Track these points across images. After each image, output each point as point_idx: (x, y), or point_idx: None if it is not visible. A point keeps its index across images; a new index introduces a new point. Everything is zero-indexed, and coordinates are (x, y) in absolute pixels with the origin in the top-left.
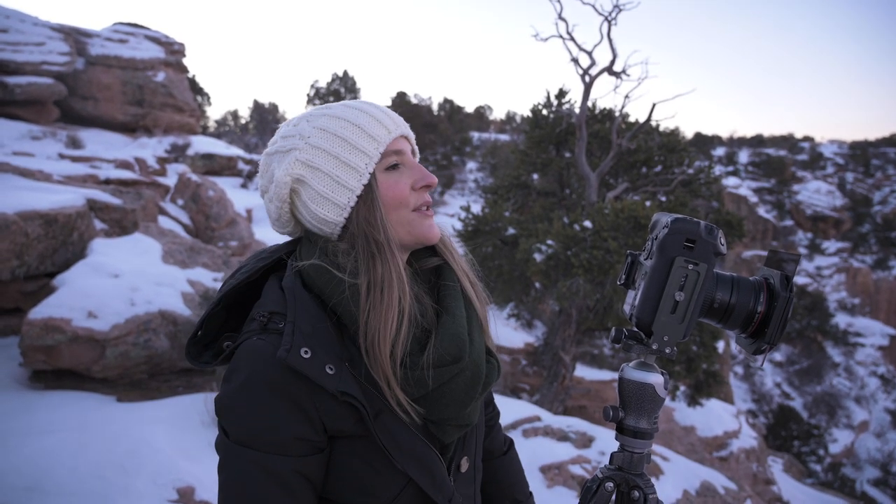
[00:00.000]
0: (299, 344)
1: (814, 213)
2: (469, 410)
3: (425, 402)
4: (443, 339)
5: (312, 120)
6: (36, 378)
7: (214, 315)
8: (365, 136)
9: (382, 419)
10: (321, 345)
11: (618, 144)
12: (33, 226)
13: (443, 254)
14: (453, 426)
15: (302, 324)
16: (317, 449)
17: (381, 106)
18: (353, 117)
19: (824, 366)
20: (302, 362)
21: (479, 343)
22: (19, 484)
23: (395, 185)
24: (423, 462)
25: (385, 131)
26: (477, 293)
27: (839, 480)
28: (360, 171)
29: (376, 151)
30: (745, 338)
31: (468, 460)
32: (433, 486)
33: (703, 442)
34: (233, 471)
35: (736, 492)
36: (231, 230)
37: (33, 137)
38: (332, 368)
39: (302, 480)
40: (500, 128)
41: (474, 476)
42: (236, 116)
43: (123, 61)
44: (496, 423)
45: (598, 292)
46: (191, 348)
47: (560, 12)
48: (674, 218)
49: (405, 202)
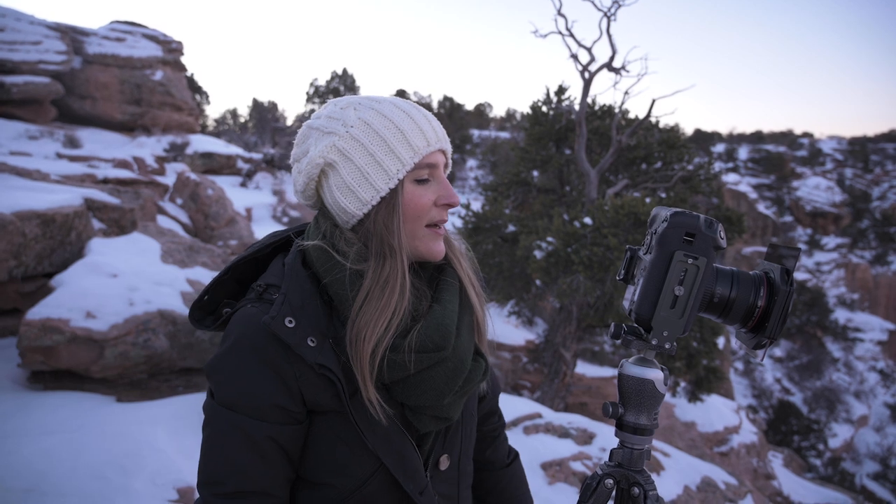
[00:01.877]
0: (285, 313)
1: (813, 209)
2: (448, 403)
3: (404, 386)
4: (428, 327)
5: (360, 110)
6: (34, 379)
7: (223, 283)
8: (404, 143)
9: (360, 398)
10: (308, 318)
11: (617, 141)
12: (31, 226)
13: (450, 258)
14: (430, 416)
15: (293, 296)
16: (294, 419)
17: (429, 115)
18: (398, 120)
19: (824, 361)
20: (285, 330)
21: (466, 340)
22: (18, 485)
23: (420, 198)
24: (395, 446)
25: (425, 143)
26: (476, 295)
27: (839, 475)
28: (390, 174)
29: (411, 160)
30: (746, 332)
31: (449, 459)
32: (404, 473)
33: (703, 437)
34: (213, 431)
35: (736, 487)
36: (230, 229)
37: (30, 137)
38: (314, 341)
39: (276, 448)
40: (500, 125)
41: (458, 478)
42: (235, 115)
43: (121, 60)
44: (501, 434)
45: (599, 289)
46: (195, 312)
47: (559, 8)
48: (673, 212)
49: (423, 216)
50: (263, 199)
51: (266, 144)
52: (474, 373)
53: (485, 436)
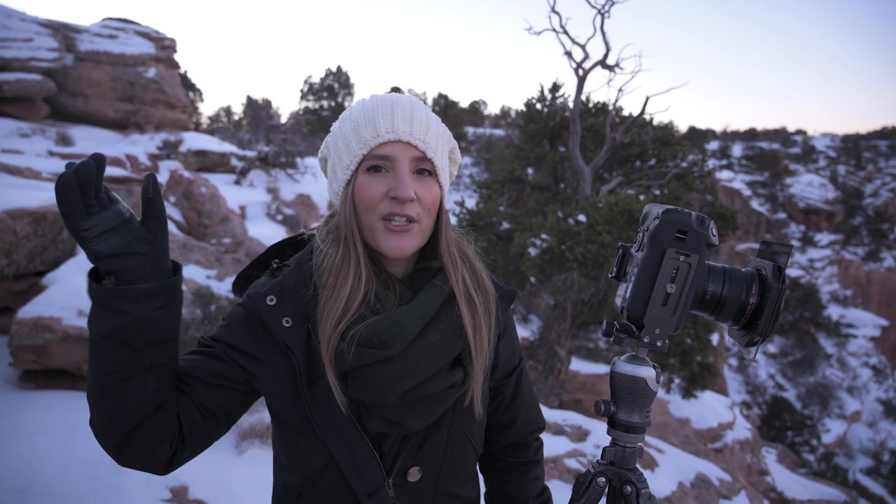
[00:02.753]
0: (270, 291)
1: (806, 206)
2: (397, 406)
3: (351, 378)
4: (380, 323)
5: (349, 108)
6: (26, 378)
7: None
8: (355, 135)
9: (318, 385)
10: (293, 301)
11: (612, 138)
12: (22, 224)
13: (443, 259)
14: (379, 417)
15: (289, 279)
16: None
17: (399, 108)
18: (357, 113)
19: (817, 357)
20: (263, 307)
21: (434, 346)
22: (11, 485)
23: (367, 189)
24: (345, 439)
25: (374, 134)
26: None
27: (832, 470)
28: (345, 164)
29: (360, 151)
30: (738, 329)
31: (421, 472)
32: (353, 469)
33: (697, 434)
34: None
35: (730, 483)
36: (224, 227)
37: (22, 135)
38: (289, 322)
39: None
40: (495, 123)
41: (432, 496)
42: (229, 112)
43: (113, 57)
44: (530, 473)
45: (593, 286)
46: (239, 282)
47: (553, 5)
48: (665, 209)
49: (373, 207)
50: (258, 196)
51: (260, 142)
52: (437, 381)
53: (509, 468)
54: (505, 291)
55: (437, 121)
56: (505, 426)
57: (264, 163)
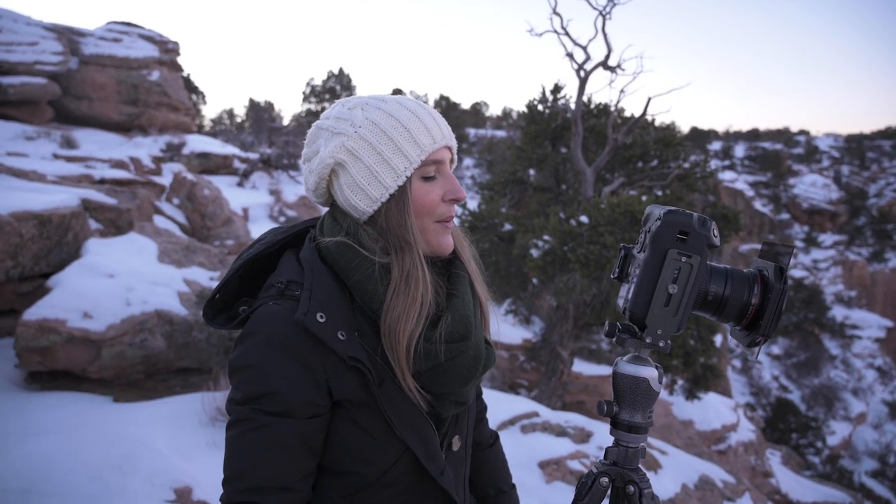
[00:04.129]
0: (315, 309)
1: (810, 207)
2: (468, 388)
3: (433, 374)
4: (454, 318)
5: (367, 110)
6: (32, 379)
7: (229, 282)
8: (411, 141)
9: (386, 387)
10: (335, 312)
11: (614, 139)
12: (27, 226)
13: (458, 251)
14: (451, 402)
15: (318, 292)
16: (319, 413)
17: (434, 112)
18: (404, 119)
19: (821, 358)
20: (318, 325)
21: (480, 328)
22: (15, 486)
23: (428, 195)
24: (420, 432)
25: (430, 140)
26: (481, 287)
27: (837, 472)
28: (398, 171)
29: (418, 158)
30: (740, 330)
31: (460, 440)
32: (427, 456)
33: (701, 435)
34: (239, 430)
35: (734, 485)
36: (227, 229)
37: (27, 138)
38: (344, 335)
39: (300, 443)
40: (497, 124)
41: (465, 458)
42: (232, 115)
43: (117, 60)
44: (484, 417)
45: (595, 287)
46: (207, 311)
47: (555, 7)
48: (667, 210)
49: (432, 211)
50: (260, 198)
51: (262, 144)
52: (488, 360)
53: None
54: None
55: None
56: None
57: (267, 165)
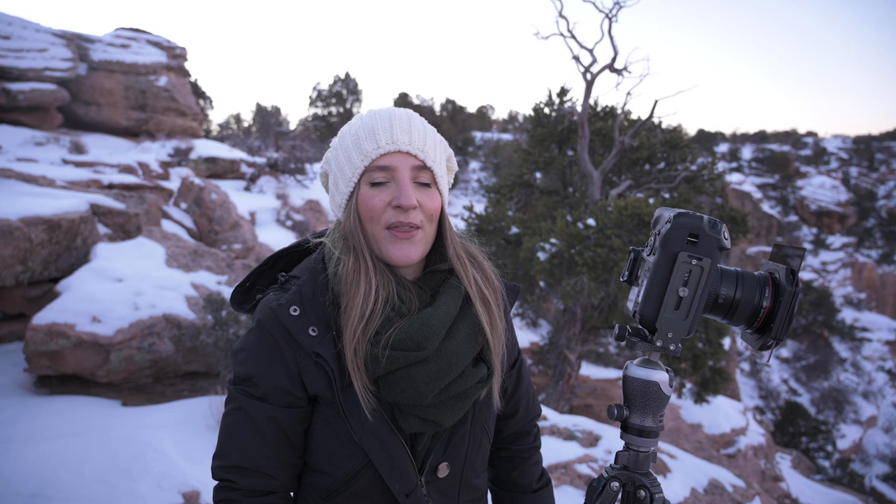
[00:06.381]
0: (292, 302)
1: (818, 209)
2: (432, 405)
3: (386, 382)
4: (410, 326)
5: (348, 123)
6: (41, 383)
7: (266, 273)
8: (357, 147)
9: (352, 390)
10: (314, 309)
11: (620, 142)
12: (37, 231)
13: (453, 263)
14: (415, 417)
15: (306, 288)
16: (294, 403)
17: (397, 119)
18: (357, 127)
19: (831, 361)
20: (288, 318)
21: (461, 344)
22: (24, 490)
23: (370, 200)
24: (382, 442)
25: (374, 146)
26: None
27: (848, 476)
28: (347, 177)
29: (361, 164)
30: (751, 333)
31: (449, 468)
32: (390, 471)
33: (710, 439)
34: (228, 409)
35: (744, 489)
36: (234, 233)
37: (36, 143)
38: (315, 331)
39: (276, 430)
40: (503, 127)
41: (458, 488)
42: (239, 120)
43: (126, 66)
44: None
45: (603, 290)
46: (237, 295)
47: (561, 10)
48: (677, 213)
49: (377, 217)
50: (267, 202)
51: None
52: (466, 378)
53: (513, 456)
54: (510, 287)
55: (433, 131)
56: (509, 416)
57: (273, 169)
